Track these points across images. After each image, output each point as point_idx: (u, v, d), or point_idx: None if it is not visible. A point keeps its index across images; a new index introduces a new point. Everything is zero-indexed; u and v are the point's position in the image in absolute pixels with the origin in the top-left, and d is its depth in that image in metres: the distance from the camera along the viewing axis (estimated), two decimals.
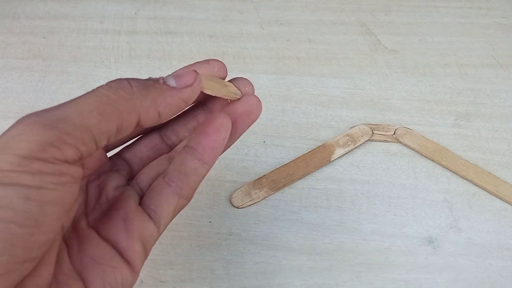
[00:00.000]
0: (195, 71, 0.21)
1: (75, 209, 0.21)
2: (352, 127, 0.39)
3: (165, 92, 0.20)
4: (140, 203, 0.22)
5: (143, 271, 0.32)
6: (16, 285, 0.16)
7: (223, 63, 0.24)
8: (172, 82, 0.20)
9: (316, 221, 0.35)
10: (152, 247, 0.22)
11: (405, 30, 0.49)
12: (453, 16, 0.50)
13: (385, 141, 0.39)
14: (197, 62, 0.24)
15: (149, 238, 0.22)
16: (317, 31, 0.49)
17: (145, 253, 0.22)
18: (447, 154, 0.38)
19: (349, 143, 0.38)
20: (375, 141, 0.39)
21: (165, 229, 0.23)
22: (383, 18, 0.50)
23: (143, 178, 0.24)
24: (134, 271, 0.21)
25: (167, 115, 0.20)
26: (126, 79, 0.19)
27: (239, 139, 0.24)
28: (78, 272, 0.20)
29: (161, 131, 0.25)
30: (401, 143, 0.39)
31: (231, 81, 0.24)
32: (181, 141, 0.25)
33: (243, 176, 0.37)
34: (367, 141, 0.39)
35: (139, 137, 0.25)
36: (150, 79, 0.20)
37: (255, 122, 0.24)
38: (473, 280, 0.32)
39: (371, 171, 0.37)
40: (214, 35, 0.48)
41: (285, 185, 0.36)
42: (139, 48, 0.47)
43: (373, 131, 0.39)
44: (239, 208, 0.35)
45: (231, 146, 0.24)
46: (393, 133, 0.39)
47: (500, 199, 0.36)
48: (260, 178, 0.36)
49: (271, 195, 0.36)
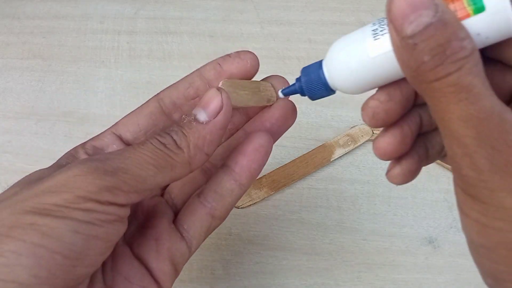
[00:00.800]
0: (218, 89, 0.20)
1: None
2: (352, 127, 0.39)
3: (201, 132, 0.20)
4: (174, 219, 0.23)
5: None
6: None
7: (254, 54, 0.22)
8: (202, 116, 0.20)
9: (316, 221, 0.35)
10: (183, 266, 0.22)
11: None
12: None
13: None
14: (226, 55, 0.22)
15: (180, 258, 0.22)
16: (317, 31, 0.49)
17: (176, 273, 0.22)
18: None
19: (349, 143, 0.38)
20: None
21: (197, 249, 0.22)
22: None
23: (177, 193, 0.24)
24: None
25: (213, 150, 0.20)
26: (169, 134, 0.19)
27: None
28: None
29: None
30: None
31: (267, 79, 0.22)
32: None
33: None
34: (367, 141, 0.38)
35: None
36: (183, 118, 0.20)
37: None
38: (473, 280, 0.32)
39: (371, 171, 0.37)
40: (214, 35, 0.48)
41: (285, 185, 0.36)
42: (139, 48, 0.47)
43: (373, 131, 0.39)
44: (239, 208, 0.35)
45: None
46: None
47: None
48: (260, 178, 0.36)
49: (271, 195, 0.36)
